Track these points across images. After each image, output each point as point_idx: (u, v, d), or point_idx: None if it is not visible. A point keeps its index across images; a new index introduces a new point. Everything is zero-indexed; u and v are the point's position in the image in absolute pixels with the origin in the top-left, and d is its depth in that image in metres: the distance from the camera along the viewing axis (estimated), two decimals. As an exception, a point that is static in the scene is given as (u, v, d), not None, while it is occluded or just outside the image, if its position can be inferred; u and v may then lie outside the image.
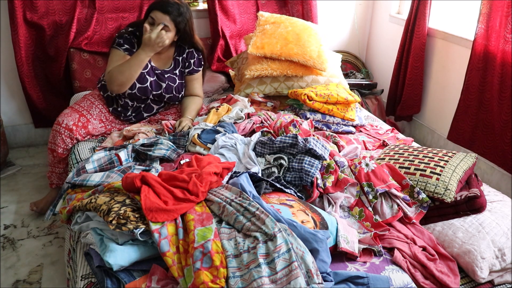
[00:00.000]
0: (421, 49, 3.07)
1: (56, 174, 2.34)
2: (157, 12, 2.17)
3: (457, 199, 1.64)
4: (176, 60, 2.37)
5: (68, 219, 1.58)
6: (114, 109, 2.36)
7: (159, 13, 2.17)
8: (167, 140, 2.01)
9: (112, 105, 2.36)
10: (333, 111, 2.37)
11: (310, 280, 1.21)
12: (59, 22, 2.90)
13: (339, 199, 1.69)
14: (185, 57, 2.39)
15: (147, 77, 2.27)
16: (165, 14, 2.17)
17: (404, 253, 1.49)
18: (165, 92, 2.33)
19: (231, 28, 3.28)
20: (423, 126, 3.33)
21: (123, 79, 2.16)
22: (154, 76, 2.29)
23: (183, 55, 2.38)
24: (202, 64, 2.46)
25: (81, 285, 1.38)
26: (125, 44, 2.23)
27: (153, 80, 2.29)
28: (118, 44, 2.23)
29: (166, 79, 2.33)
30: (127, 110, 2.36)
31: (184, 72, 2.42)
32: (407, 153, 1.88)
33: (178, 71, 2.38)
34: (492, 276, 1.45)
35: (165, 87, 2.33)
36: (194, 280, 1.20)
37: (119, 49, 2.22)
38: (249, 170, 1.72)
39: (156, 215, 1.35)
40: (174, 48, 2.37)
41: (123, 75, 2.15)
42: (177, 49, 2.38)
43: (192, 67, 2.41)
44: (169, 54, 2.36)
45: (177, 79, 2.38)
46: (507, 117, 2.39)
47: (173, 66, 2.36)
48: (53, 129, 2.23)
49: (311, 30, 2.78)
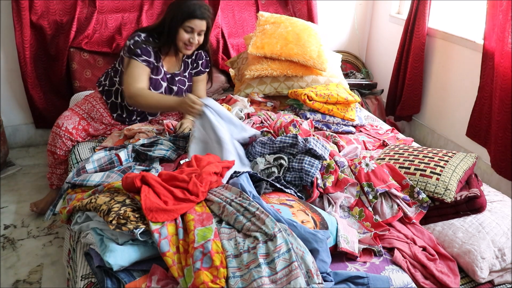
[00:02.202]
0: (421, 49, 3.07)
1: (57, 176, 2.34)
2: (197, 21, 2.06)
3: (457, 199, 1.64)
4: (186, 62, 2.31)
5: (68, 219, 1.58)
6: (119, 115, 2.31)
7: (198, 21, 2.06)
8: (167, 141, 2.01)
9: (117, 111, 2.30)
10: (333, 111, 2.37)
11: (310, 280, 1.21)
12: (59, 21, 2.90)
13: (339, 199, 1.69)
14: (194, 58, 2.33)
15: (162, 83, 2.21)
16: (203, 20, 2.08)
17: (404, 253, 1.49)
18: (176, 95, 2.26)
19: (231, 28, 3.28)
20: (423, 126, 3.33)
21: (145, 107, 2.14)
22: (166, 81, 2.23)
23: (192, 56, 2.32)
24: (209, 65, 2.40)
25: (81, 285, 1.38)
26: (143, 55, 2.09)
27: (166, 86, 2.23)
28: (136, 55, 2.08)
29: (177, 82, 2.27)
30: (132, 115, 2.32)
31: (192, 73, 2.37)
32: (407, 153, 1.88)
33: (187, 73, 2.33)
34: (492, 276, 1.45)
35: (176, 91, 2.27)
36: (194, 280, 1.20)
37: (137, 60, 2.08)
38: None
39: (156, 215, 1.35)
40: None
41: (146, 105, 2.08)
42: None
43: (200, 68, 2.35)
44: (179, 56, 2.28)
45: (187, 81, 2.33)
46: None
47: (183, 68, 2.30)
48: (52, 131, 2.22)
49: (311, 30, 2.78)
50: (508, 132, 2.38)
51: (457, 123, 2.97)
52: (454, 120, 2.99)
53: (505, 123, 2.39)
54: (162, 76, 2.21)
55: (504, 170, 2.47)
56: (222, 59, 3.20)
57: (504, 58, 2.36)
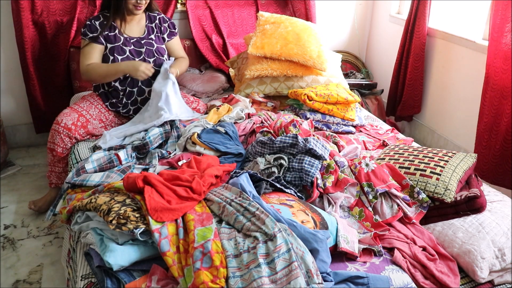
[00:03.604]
0: (421, 49, 3.07)
1: (56, 174, 2.34)
2: None
3: (457, 199, 1.64)
4: (149, 27, 2.45)
5: (68, 219, 1.58)
6: (111, 104, 2.39)
7: None
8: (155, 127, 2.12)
9: (108, 99, 2.39)
10: (333, 111, 2.37)
11: (310, 280, 1.21)
12: (59, 21, 2.90)
13: (339, 199, 1.69)
14: (157, 23, 2.48)
15: (124, 48, 2.34)
16: None
17: (404, 253, 1.49)
18: (147, 57, 2.38)
19: (230, 28, 3.28)
20: (423, 126, 3.33)
21: (98, 79, 2.32)
22: (131, 45, 2.36)
23: (155, 21, 2.47)
24: (175, 26, 2.55)
25: (81, 285, 1.38)
26: (89, 32, 2.29)
27: (131, 49, 2.36)
28: (84, 34, 2.30)
29: (144, 45, 2.40)
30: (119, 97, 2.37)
31: (164, 38, 2.50)
32: (407, 153, 1.88)
33: (154, 36, 2.45)
34: (492, 276, 1.45)
35: (145, 52, 2.38)
36: (194, 280, 1.20)
37: (85, 39, 2.30)
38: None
39: (161, 214, 1.35)
40: (145, 16, 2.45)
41: (98, 76, 2.28)
42: (148, 18, 2.46)
43: (169, 30, 2.51)
44: (142, 23, 2.44)
45: (155, 43, 2.44)
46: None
47: (147, 32, 2.44)
48: (52, 129, 2.23)
49: (311, 30, 2.78)
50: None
51: (457, 123, 2.97)
52: (455, 120, 2.99)
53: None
54: (123, 41, 2.35)
55: (486, 174, 2.48)
56: (223, 59, 3.21)
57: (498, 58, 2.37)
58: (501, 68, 2.36)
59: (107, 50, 2.32)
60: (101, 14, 2.36)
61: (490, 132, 2.46)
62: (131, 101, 2.40)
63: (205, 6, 3.23)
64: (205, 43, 3.22)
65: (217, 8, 3.25)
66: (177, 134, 2.14)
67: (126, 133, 2.20)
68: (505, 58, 2.33)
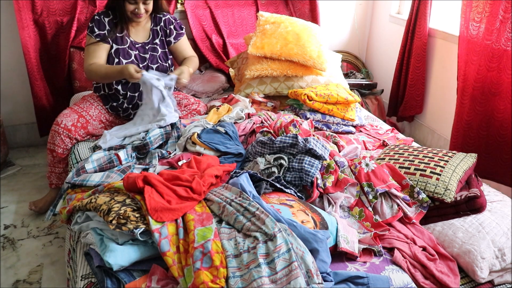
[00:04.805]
0: (423, 49, 3.07)
1: (56, 174, 2.34)
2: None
3: (457, 199, 1.64)
4: (154, 30, 2.40)
5: (68, 219, 1.58)
6: (112, 107, 2.37)
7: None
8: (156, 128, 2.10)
9: (108, 102, 2.37)
10: (333, 111, 2.37)
11: (310, 280, 1.21)
12: (59, 21, 2.90)
13: (339, 199, 1.69)
14: (163, 25, 2.41)
15: (130, 52, 2.31)
16: None
17: (404, 253, 1.49)
18: (150, 63, 2.36)
19: (230, 28, 3.28)
20: (423, 126, 3.33)
21: (99, 79, 2.26)
22: (136, 50, 2.33)
23: (160, 24, 2.40)
24: (182, 26, 2.49)
25: (81, 285, 1.38)
26: (97, 28, 2.24)
27: (137, 54, 2.33)
28: (91, 30, 2.24)
29: (148, 50, 2.36)
30: (120, 101, 2.35)
31: (171, 41, 2.43)
32: (407, 153, 1.88)
33: (158, 41, 2.41)
34: (492, 276, 1.45)
35: (149, 58, 2.36)
36: (194, 280, 1.20)
37: (92, 37, 2.24)
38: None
39: (161, 214, 1.35)
40: (150, 19, 2.40)
41: (99, 77, 2.22)
42: (153, 20, 2.41)
43: (175, 32, 2.43)
44: (147, 27, 2.39)
45: (159, 48, 2.41)
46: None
47: (152, 37, 2.39)
48: (52, 129, 2.23)
49: (311, 30, 2.78)
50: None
51: (457, 123, 2.96)
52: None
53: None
54: (129, 45, 2.31)
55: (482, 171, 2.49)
56: (223, 59, 3.21)
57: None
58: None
59: (113, 51, 2.27)
60: (110, 11, 2.28)
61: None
62: (132, 106, 2.38)
63: (205, 6, 3.24)
64: (205, 43, 3.23)
65: (217, 8, 3.25)
66: (177, 134, 2.14)
67: (127, 134, 2.18)
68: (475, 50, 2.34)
